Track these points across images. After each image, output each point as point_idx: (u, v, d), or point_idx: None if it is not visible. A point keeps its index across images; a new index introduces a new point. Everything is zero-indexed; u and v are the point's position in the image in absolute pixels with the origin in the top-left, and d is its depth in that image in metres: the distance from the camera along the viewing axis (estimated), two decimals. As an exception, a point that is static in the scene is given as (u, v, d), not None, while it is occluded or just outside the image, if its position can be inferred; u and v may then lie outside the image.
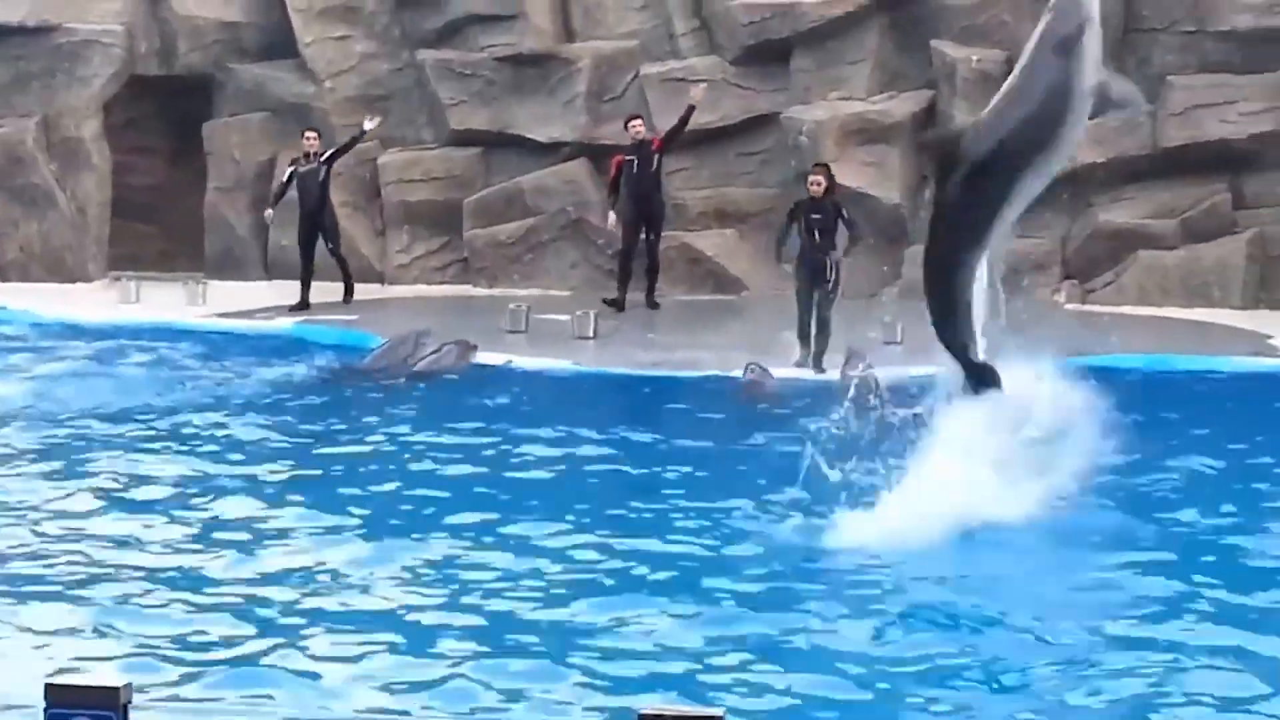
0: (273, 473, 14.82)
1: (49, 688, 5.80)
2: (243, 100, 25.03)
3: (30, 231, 24.59)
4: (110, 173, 25.02)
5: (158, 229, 25.33)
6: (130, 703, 5.80)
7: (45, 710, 5.76)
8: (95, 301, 23.00)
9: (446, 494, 14.08)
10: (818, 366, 18.56)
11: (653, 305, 22.06)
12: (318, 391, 18.38)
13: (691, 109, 21.96)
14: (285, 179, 22.67)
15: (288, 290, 22.74)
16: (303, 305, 22.27)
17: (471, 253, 24.05)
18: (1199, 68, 22.05)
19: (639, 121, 22.25)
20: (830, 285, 19.08)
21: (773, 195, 23.11)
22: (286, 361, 19.61)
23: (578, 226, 23.33)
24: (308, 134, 22.81)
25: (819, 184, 19.22)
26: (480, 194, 23.97)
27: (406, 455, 15.51)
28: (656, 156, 21.91)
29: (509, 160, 23.89)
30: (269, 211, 23.09)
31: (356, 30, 24.74)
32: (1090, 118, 13.71)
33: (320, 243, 22.56)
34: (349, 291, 22.77)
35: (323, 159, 22.41)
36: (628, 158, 21.91)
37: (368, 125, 22.82)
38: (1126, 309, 21.72)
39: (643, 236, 22.02)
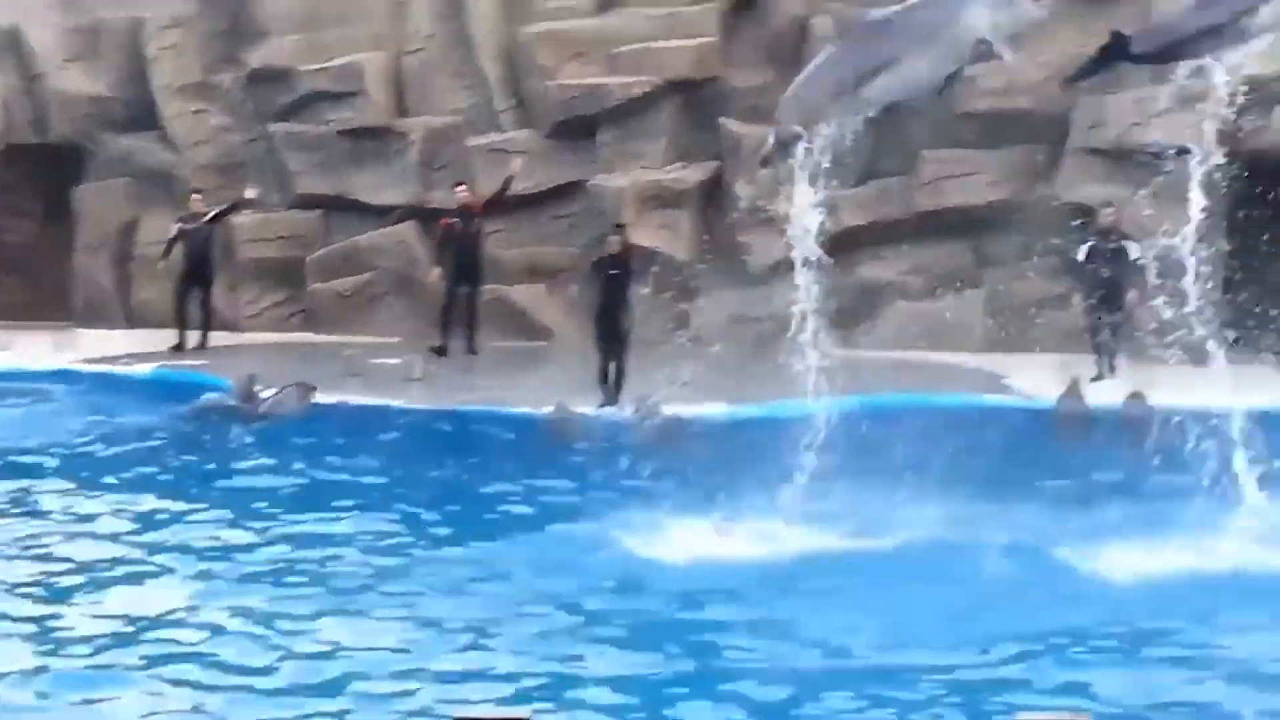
0: (126, 501, 14.90)
1: None
2: (110, 167, 25.28)
3: (-88, 287, 24.64)
4: (-14, 232, 25.13)
5: (28, 283, 25.33)
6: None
7: None
8: None
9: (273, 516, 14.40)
10: (616, 405, 18.76)
11: (472, 351, 22.28)
12: (172, 428, 18.44)
13: (510, 178, 22.30)
14: (174, 235, 22.66)
15: (147, 338, 22.92)
16: (179, 347, 22.42)
17: (313, 304, 24.36)
18: (946, 144, 22.57)
19: (464, 187, 22.41)
20: (626, 332, 19.42)
21: (580, 254, 23.36)
22: (144, 402, 19.72)
23: (406, 281, 23.61)
24: (194, 196, 22.98)
25: (616, 244, 19.55)
26: (321, 252, 24.30)
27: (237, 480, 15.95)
28: (478, 220, 22.21)
29: (348, 222, 24.33)
30: (161, 264, 22.97)
31: (213, 105, 25.14)
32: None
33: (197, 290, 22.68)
34: (204, 337, 22.80)
35: (207, 219, 22.64)
36: (453, 220, 22.13)
37: (249, 194, 23.21)
38: (883, 353, 21.80)
39: (464, 290, 22.25)
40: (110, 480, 15.96)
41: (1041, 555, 12.81)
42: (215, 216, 22.85)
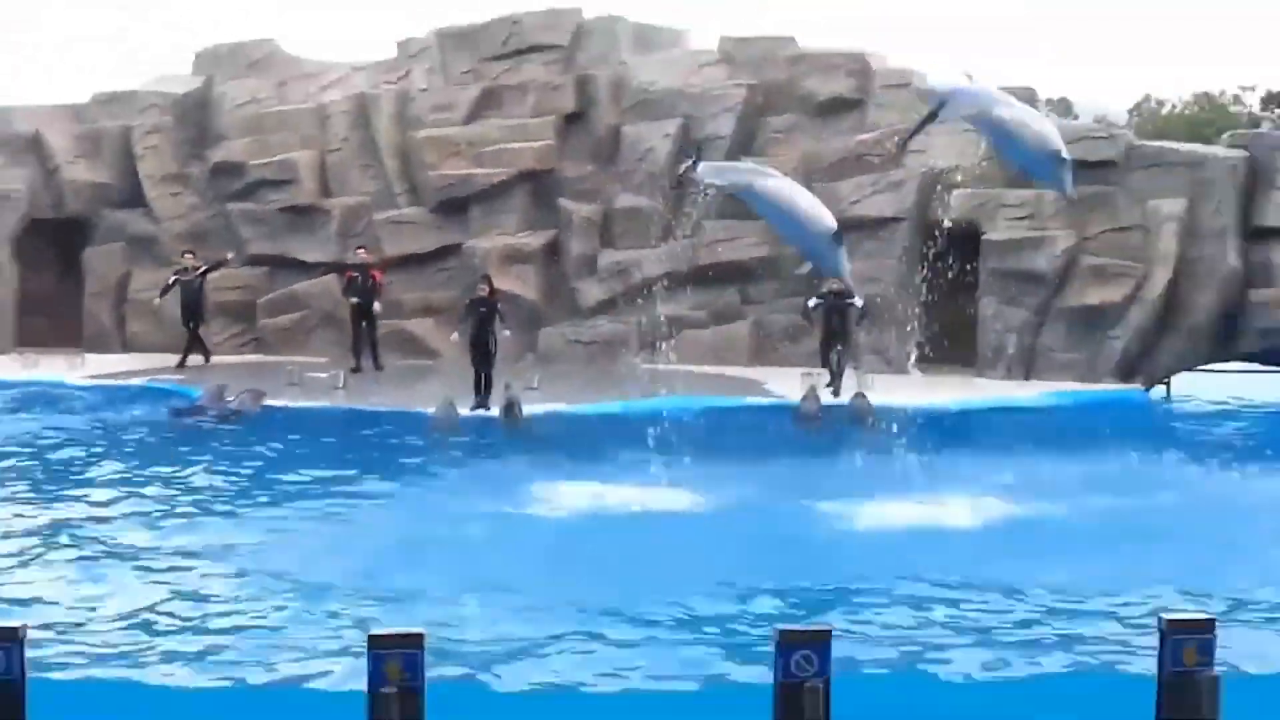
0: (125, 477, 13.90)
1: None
2: (109, 235, 23.76)
3: (-40, 323, 23.14)
4: (17, 283, 23.74)
5: (49, 320, 23.84)
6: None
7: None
8: (6, 368, 21.55)
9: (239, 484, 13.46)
10: (485, 406, 17.98)
11: (379, 368, 20.91)
12: (158, 425, 17.56)
13: (384, 262, 21.41)
14: (170, 283, 21.28)
15: (142, 360, 21.71)
16: (181, 365, 21.05)
17: (263, 334, 23.12)
18: (720, 216, 21.24)
19: (364, 249, 21.30)
20: (493, 353, 18.54)
21: (457, 296, 22.04)
22: (136, 406, 18.72)
23: (330, 317, 22.41)
24: (186, 254, 21.62)
25: (484, 289, 18.75)
26: (269, 296, 23.05)
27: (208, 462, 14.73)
28: (373, 279, 20.77)
29: (288, 275, 23.02)
30: (156, 301, 21.61)
31: (186, 189, 23.72)
32: None
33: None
34: (206, 357, 21.41)
35: (199, 272, 21.25)
36: (354, 273, 20.84)
37: (229, 257, 21.93)
38: (677, 367, 20.88)
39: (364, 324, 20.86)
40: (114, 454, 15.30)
41: (803, 510, 12.06)
42: (205, 271, 21.41)
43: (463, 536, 10.78)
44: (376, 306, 20.83)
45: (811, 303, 19.58)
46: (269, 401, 18.22)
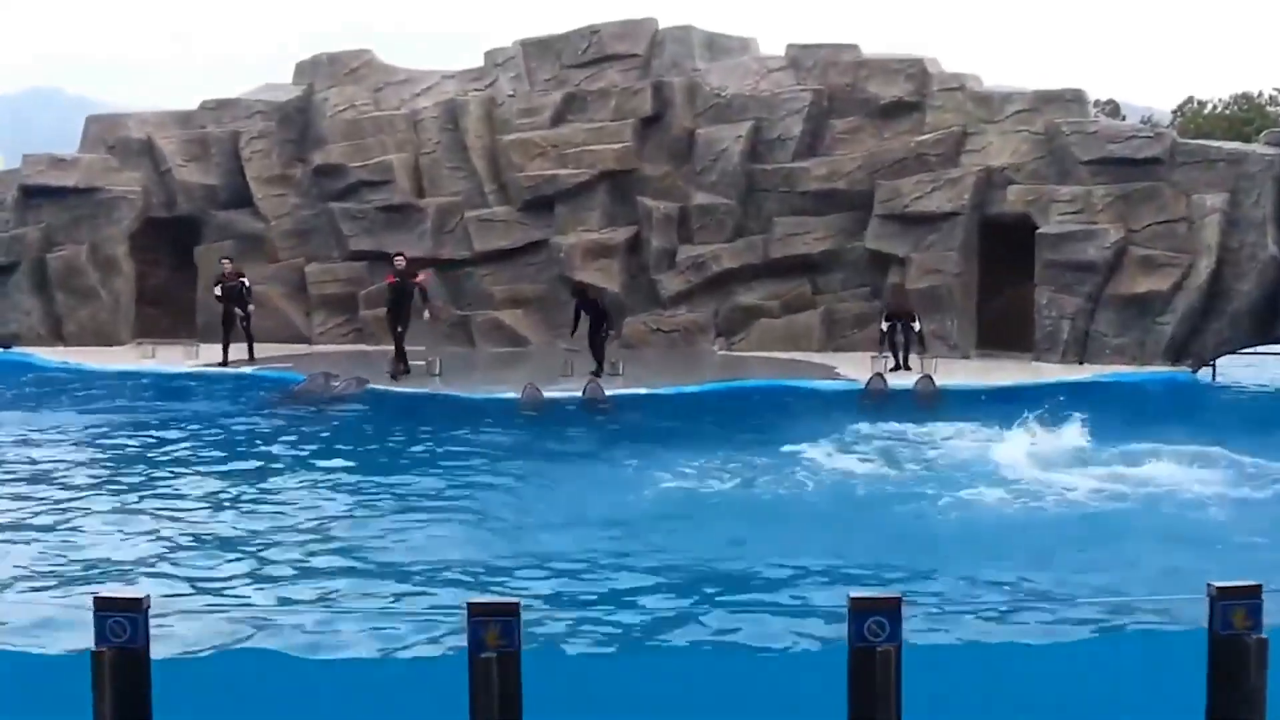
0: (242, 457, 14.55)
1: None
2: (218, 233, 24.97)
3: (83, 314, 24.50)
4: (134, 277, 24.99)
5: (165, 311, 25.16)
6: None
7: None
8: (127, 358, 22.81)
9: (350, 463, 14.01)
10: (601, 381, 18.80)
11: (405, 373, 20.21)
12: (267, 410, 18.24)
13: (425, 276, 21.40)
14: (217, 294, 21.89)
15: (257, 349, 22.34)
16: (224, 363, 21.36)
17: (364, 324, 24.26)
18: (790, 212, 22.88)
19: (401, 256, 20.83)
20: (604, 337, 20.02)
21: (544, 288, 23.69)
22: (247, 392, 19.63)
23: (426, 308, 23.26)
24: (223, 260, 22.37)
25: (590, 291, 20.29)
26: (368, 289, 24.10)
27: (324, 445, 15.41)
28: (415, 285, 20.51)
29: (386, 269, 23.16)
30: (214, 299, 22.33)
31: (290, 190, 24.96)
32: None
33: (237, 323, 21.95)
34: (251, 353, 21.96)
35: (241, 278, 21.87)
36: (395, 279, 20.46)
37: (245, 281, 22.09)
38: (752, 353, 22.51)
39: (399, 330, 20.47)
40: (217, 440, 15.82)
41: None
42: (244, 283, 21.99)
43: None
44: (421, 307, 20.53)
45: (884, 325, 20.81)
46: (370, 387, 19.19)
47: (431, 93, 25.14)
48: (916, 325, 20.78)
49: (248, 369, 21.36)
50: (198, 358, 22.50)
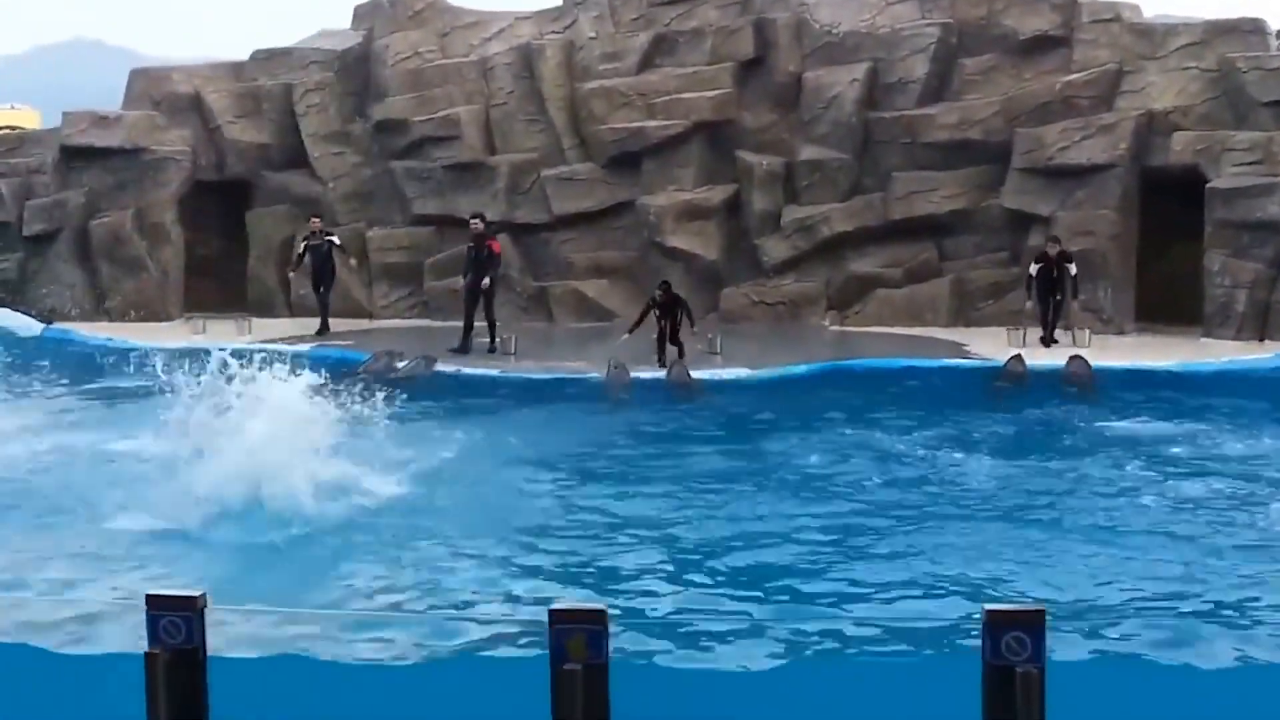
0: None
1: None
2: (272, 196, 23.74)
3: (129, 287, 23.25)
4: (183, 246, 23.73)
5: (216, 283, 23.96)
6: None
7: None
8: (175, 334, 21.44)
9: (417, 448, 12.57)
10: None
11: (492, 350, 19.21)
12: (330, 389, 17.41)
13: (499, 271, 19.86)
14: (301, 251, 21.25)
15: (306, 324, 21.51)
16: (323, 330, 20.88)
17: (431, 297, 22.88)
18: (913, 167, 21.19)
19: (479, 220, 19.62)
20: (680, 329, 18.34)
21: (632, 256, 22.16)
22: (305, 371, 18.71)
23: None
24: (313, 219, 21.55)
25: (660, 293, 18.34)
26: (436, 258, 22.74)
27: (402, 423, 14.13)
28: (489, 250, 19.31)
29: (454, 234, 22.26)
30: (291, 275, 21.95)
31: (349, 148, 23.56)
32: None
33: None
34: (324, 327, 20.99)
35: (328, 236, 21.11)
36: (470, 245, 19.49)
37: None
38: (869, 329, 20.99)
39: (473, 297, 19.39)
40: None
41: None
42: (331, 240, 21.11)
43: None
44: (485, 282, 19.36)
45: (1033, 269, 19.09)
46: (439, 368, 18.10)
47: (504, 36, 23.58)
48: (1073, 268, 18.88)
49: (305, 346, 19.99)
50: (250, 333, 21.24)
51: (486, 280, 19.28)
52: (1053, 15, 20.85)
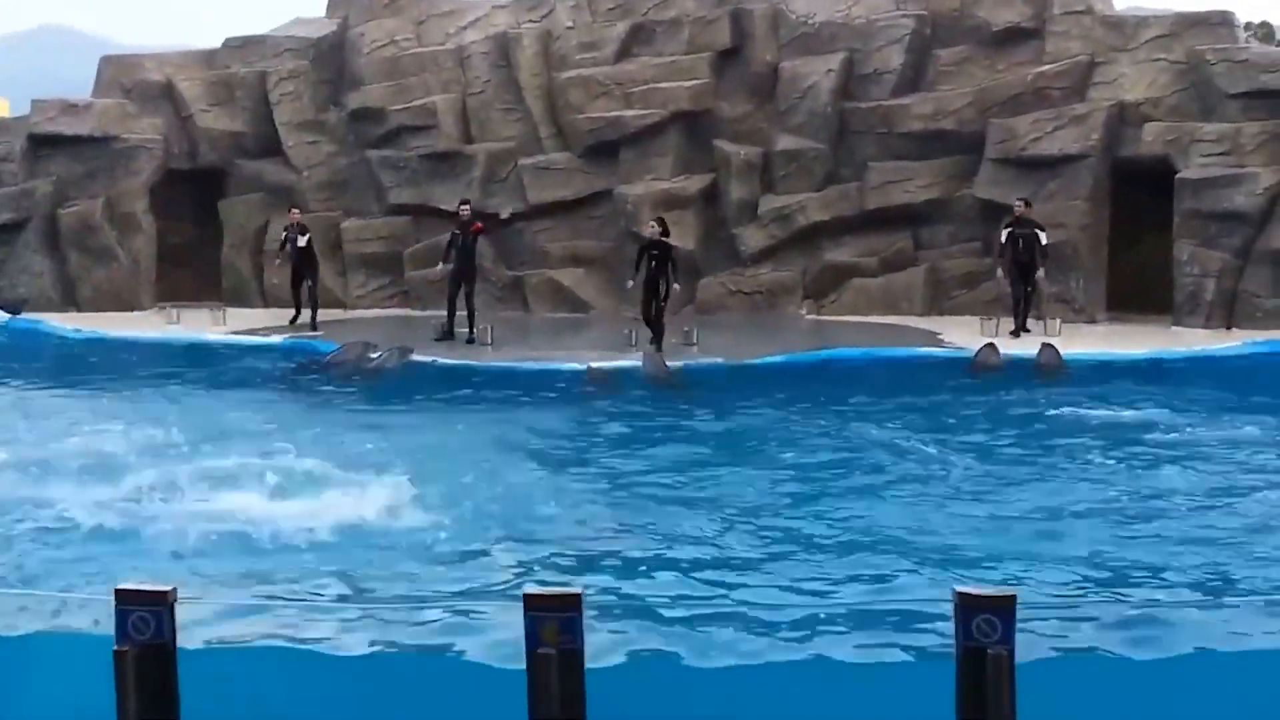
0: (270, 426, 13.51)
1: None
2: (245, 185, 23.90)
3: (99, 276, 23.38)
4: (155, 235, 23.83)
5: (189, 273, 24.08)
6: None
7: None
8: (147, 324, 21.76)
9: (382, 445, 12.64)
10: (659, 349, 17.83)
11: (470, 341, 19.30)
12: (299, 380, 17.43)
13: (499, 215, 20.27)
14: (283, 240, 21.03)
15: (280, 314, 21.63)
16: (294, 321, 20.83)
17: (411, 287, 22.99)
18: (888, 157, 21.40)
19: (467, 206, 19.90)
20: (664, 299, 18.45)
21: (609, 246, 22.27)
22: (278, 361, 18.78)
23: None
24: (293, 210, 21.37)
25: (653, 228, 18.63)
26: (414, 247, 22.93)
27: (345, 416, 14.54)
28: (475, 236, 19.46)
29: (431, 224, 22.65)
30: (276, 263, 21.80)
31: (324, 137, 23.71)
32: None
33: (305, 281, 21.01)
34: (313, 319, 20.82)
35: (305, 231, 20.83)
36: (456, 232, 19.43)
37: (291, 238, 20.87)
38: (845, 318, 21.21)
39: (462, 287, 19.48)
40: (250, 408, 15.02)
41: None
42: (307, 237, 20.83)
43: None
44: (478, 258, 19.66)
45: (1003, 235, 19.25)
46: (414, 358, 18.11)
47: (480, 25, 23.72)
48: (1043, 237, 19.08)
49: (277, 339, 20.25)
50: (225, 324, 21.49)
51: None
52: (1025, 7, 21.17)
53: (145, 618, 5.42)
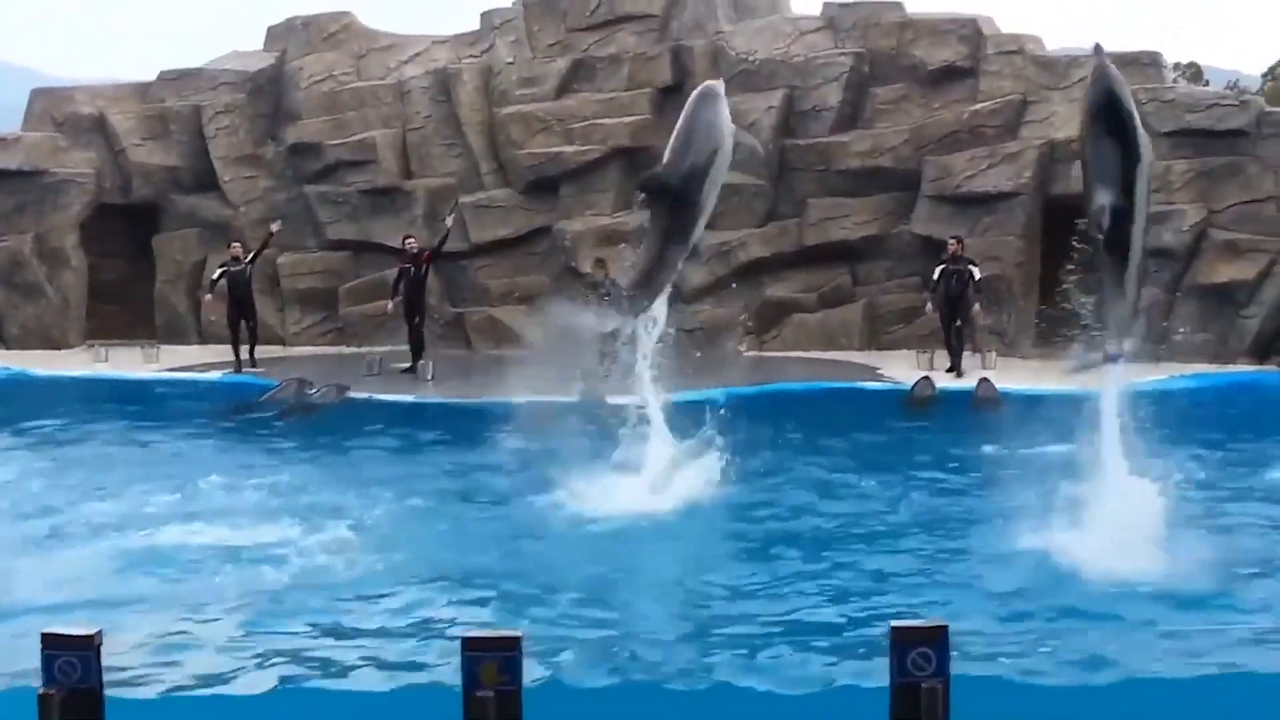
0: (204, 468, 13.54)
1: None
2: (180, 220, 24.03)
3: (27, 313, 23.48)
4: (86, 271, 23.92)
5: (120, 309, 24.16)
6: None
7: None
8: (76, 363, 21.67)
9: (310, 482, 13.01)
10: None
11: (410, 370, 19.86)
12: (233, 420, 17.40)
13: (447, 234, 20.26)
14: (216, 277, 20.84)
15: (216, 352, 21.66)
16: (237, 368, 20.48)
17: (346, 323, 23.25)
18: (826, 193, 21.87)
19: (413, 239, 20.31)
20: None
21: (548, 282, 22.48)
22: (212, 401, 18.71)
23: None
24: (234, 244, 21.19)
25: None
26: (352, 283, 23.21)
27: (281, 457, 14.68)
28: (426, 266, 20.01)
29: (371, 259, 23.07)
30: (208, 298, 21.48)
31: (260, 171, 23.93)
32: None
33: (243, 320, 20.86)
34: (251, 355, 20.78)
35: (246, 260, 20.73)
36: (405, 265, 19.93)
37: (274, 228, 21.18)
38: (786, 353, 21.59)
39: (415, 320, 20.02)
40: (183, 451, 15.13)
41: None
42: (252, 259, 20.79)
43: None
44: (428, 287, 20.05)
45: (935, 273, 19.68)
46: (351, 394, 18.21)
47: (420, 60, 24.10)
48: (976, 273, 19.46)
49: (212, 375, 20.36)
50: (158, 361, 21.54)
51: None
52: (960, 46, 21.82)
53: (71, 661, 5.38)
